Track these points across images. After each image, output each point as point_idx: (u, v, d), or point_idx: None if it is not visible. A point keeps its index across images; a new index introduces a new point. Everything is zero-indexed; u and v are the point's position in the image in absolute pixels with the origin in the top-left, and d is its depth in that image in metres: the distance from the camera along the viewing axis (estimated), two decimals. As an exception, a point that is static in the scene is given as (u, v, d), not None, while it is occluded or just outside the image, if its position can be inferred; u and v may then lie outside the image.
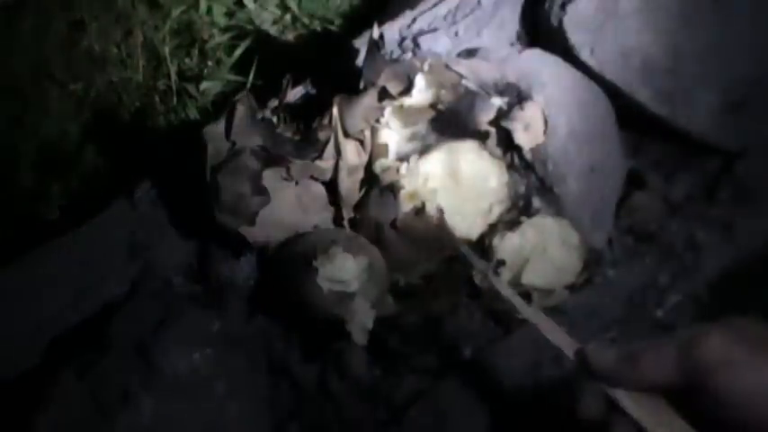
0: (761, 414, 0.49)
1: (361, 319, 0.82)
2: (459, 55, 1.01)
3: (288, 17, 1.42)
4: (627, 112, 0.98)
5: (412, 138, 0.95)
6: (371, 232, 0.90)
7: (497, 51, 1.00)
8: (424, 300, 0.89)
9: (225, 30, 1.43)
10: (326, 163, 0.90)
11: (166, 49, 1.40)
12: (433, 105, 0.93)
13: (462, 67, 0.93)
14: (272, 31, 1.41)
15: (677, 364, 0.52)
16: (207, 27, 1.42)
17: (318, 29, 1.41)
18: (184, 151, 0.96)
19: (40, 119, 1.37)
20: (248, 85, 1.34)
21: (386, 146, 0.92)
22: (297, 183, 0.91)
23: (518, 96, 0.92)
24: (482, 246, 0.90)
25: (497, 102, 0.92)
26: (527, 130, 0.91)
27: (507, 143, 0.92)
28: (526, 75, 0.94)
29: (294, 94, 0.99)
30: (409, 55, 1.02)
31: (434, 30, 1.04)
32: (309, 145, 0.90)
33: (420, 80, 0.91)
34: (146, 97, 1.40)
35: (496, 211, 0.91)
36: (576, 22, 0.98)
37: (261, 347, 0.89)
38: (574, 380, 0.60)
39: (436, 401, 0.83)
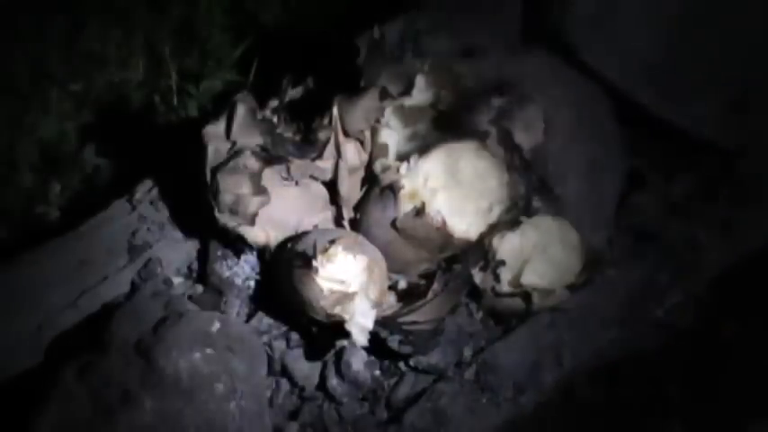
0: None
1: (361, 319, 0.82)
2: (459, 55, 1.01)
3: (288, 17, 1.42)
4: (627, 112, 0.98)
5: (412, 138, 0.95)
6: (371, 232, 0.90)
7: (497, 51, 1.00)
8: (424, 300, 0.89)
9: (225, 29, 1.43)
10: (326, 163, 0.90)
11: (166, 50, 1.39)
12: (433, 105, 0.93)
13: (462, 67, 0.93)
14: (273, 31, 1.41)
15: None
16: (207, 26, 1.42)
17: (318, 29, 1.41)
18: (184, 151, 0.96)
19: (39, 119, 1.37)
20: (248, 85, 1.34)
21: (386, 146, 0.92)
22: (297, 183, 0.90)
23: (518, 96, 0.92)
24: (482, 246, 0.90)
25: (497, 102, 0.92)
26: (527, 130, 0.91)
27: (507, 143, 0.92)
28: (526, 75, 0.94)
29: (294, 94, 0.99)
30: (409, 55, 1.02)
31: (434, 30, 1.04)
32: (309, 145, 0.90)
33: (420, 80, 0.91)
34: (146, 97, 1.40)
35: (496, 211, 0.90)
36: (576, 22, 0.98)
37: (261, 347, 0.89)
38: None
39: (436, 401, 0.83)
